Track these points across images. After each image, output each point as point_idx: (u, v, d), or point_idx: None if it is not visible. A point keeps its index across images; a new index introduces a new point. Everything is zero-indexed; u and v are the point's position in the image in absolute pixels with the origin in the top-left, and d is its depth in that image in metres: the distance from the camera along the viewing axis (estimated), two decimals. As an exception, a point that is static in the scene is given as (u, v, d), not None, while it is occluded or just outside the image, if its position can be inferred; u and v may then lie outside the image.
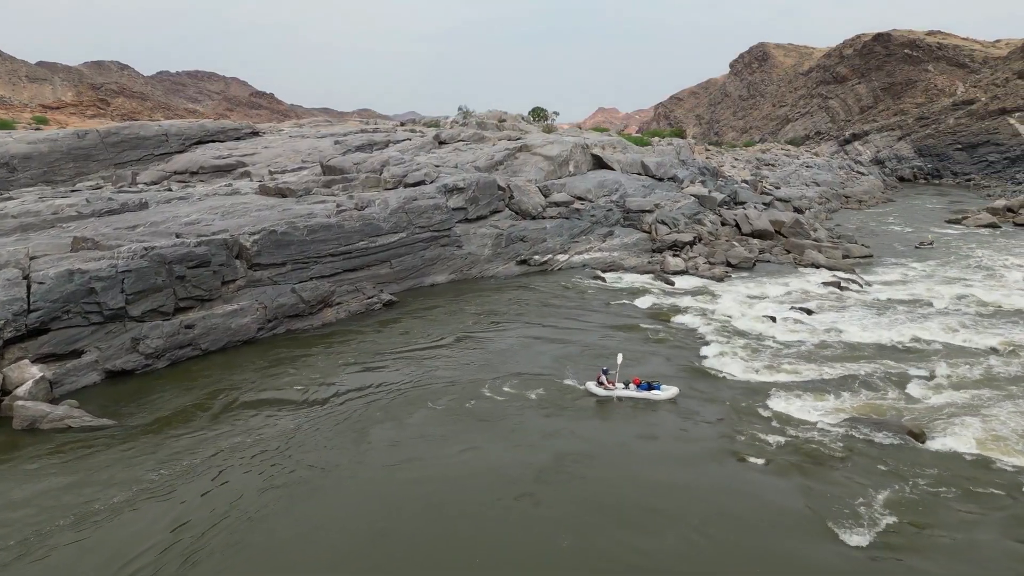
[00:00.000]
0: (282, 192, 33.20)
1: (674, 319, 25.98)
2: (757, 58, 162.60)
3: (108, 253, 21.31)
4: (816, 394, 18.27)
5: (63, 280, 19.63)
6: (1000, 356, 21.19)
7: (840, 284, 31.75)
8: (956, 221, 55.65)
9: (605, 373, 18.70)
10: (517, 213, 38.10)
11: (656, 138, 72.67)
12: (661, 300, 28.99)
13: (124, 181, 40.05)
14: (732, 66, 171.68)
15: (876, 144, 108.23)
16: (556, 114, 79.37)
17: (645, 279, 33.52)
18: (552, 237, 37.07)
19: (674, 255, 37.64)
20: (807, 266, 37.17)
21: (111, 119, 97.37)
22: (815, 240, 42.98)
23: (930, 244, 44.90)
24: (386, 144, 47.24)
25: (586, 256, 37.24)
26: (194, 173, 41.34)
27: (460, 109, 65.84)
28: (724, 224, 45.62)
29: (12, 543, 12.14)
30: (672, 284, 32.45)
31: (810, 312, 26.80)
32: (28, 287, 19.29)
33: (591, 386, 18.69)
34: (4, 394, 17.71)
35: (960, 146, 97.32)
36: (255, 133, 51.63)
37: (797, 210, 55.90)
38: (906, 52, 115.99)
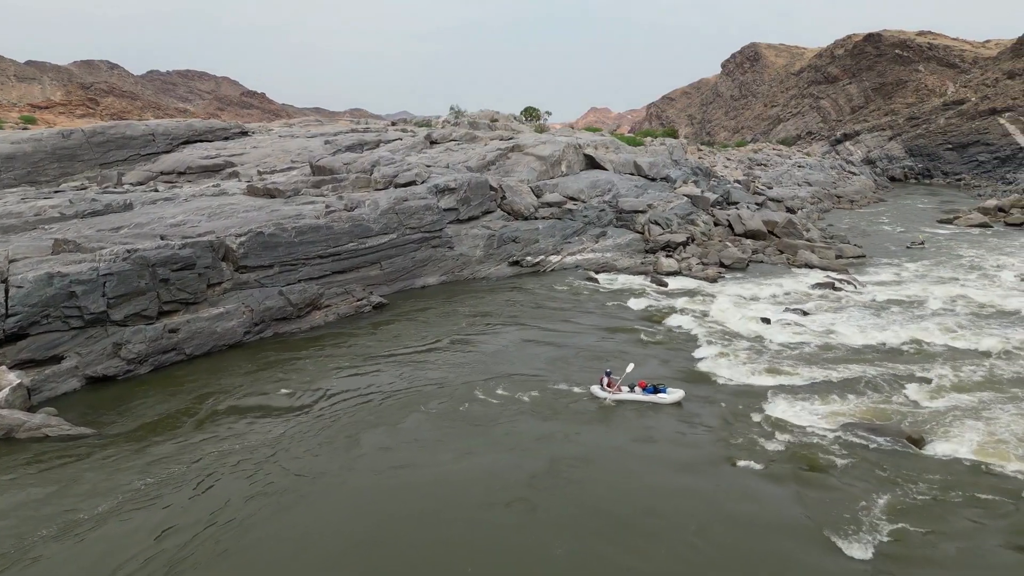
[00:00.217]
0: (270, 193, 32.73)
1: (668, 321, 25.69)
2: (749, 58, 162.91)
3: (89, 256, 20.81)
4: (812, 398, 17.99)
5: (42, 284, 19.12)
6: (997, 358, 20.98)
7: (834, 285, 31.56)
8: (948, 221, 55.65)
9: (608, 375, 18.39)
10: (509, 214, 37.74)
11: (649, 138, 72.49)
12: (655, 302, 28.69)
13: (109, 182, 39.44)
14: (724, 66, 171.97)
15: (867, 144, 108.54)
16: (548, 114, 79.29)
17: (638, 280, 33.23)
18: (545, 238, 36.73)
19: (667, 256, 37.40)
20: (800, 266, 37.00)
21: (100, 118, 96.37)
22: (808, 240, 42.83)
23: (921, 244, 44.83)
24: (377, 144, 46.80)
25: (579, 257, 36.91)
26: (181, 173, 40.78)
27: (452, 109, 65.56)
28: (717, 224, 45.40)
29: (-7, 555, 11.76)
30: (665, 285, 32.17)
31: (805, 313, 26.57)
32: (6, 291, 18.79)
33: (596, 389, 18.35)
34: (-20, 402, 17.21)
35: (950, 146, 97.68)
36: (244, 133, 51.05)
37: (789, 210, 55.78)
38: (897, 52, 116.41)
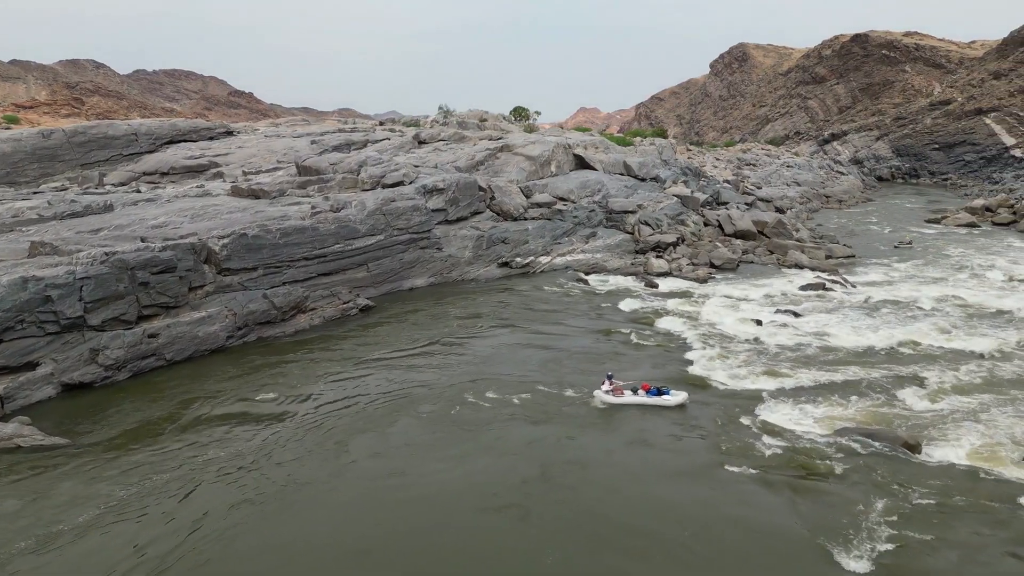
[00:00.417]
0: (255, 193, 32.19)
1: (659, 323, 25.41)
2: (737, 58, 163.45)
3: (66, 259, 20.23)
4: (806, 402, 17.74)
5: (16, 288, 18.52)
6: (990, 359, 20.84)
7: (825, 285, 31.42)
8: (935, 221, 55.82)
9: (610, 379, 18.12)
10: (498, 214, 37.36)
11: (638, 138, 72.34)
12: (645, 303, 28.41)
13: (90, 182, 38.72)
14: (712, 66, 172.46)
15: (855, 144, 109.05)
16: (538, 114, 78.87)
17: (628, 281, 32.95)
18: (534, 239, 36.38)
19: (657, 256, 37.17)
20: (790, 267, 36.87)
21: (86, 118, 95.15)
22: (798, 240, 42.75)
23: (908, 244, 44.88)
24: (364, 144, 46.28)
25: (569, 258, 36.59)
26: (164, 174, 40.10)
27: (441, 108, 65.01)
28: (707, 225, 45.24)
29: (-33, 570, 11.31)
30: (656, 286, 31.91)
31: (797, 315, 26.37)
32: (-22, 296, 18.18)
33: (599, 393, 18.07)
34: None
35: (937, 146, 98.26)
36: (229, 133, 50.36)
37: (779, 210, 55.78)
38: (883, 53, 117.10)
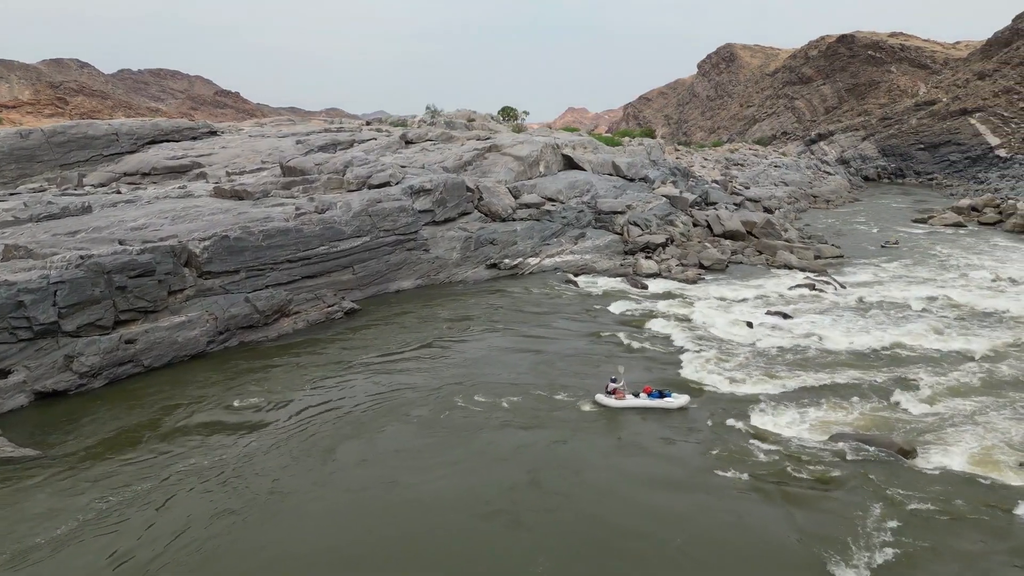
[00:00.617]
0: (238, 194, 31.59)
1: (649, 325, 25.11)
2: (724, 59, 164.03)
3: (40, 263, 19.61)
4: (799, 407, 17.47)
5: (-13, 293, 17.91)
6: (982, 361, 20.68)
7: (815, 286, 31.29)
8: (922, 221, 56.02)
9: (613, 382, 17.85)
10: (486, 215, 36.96)
11: (627, 138, 72.17)
12: (635, 305, 28.12)
13: (69, 183, 37.88)
14: (700, 67, 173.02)
15: (841, 144, 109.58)
16: (526, 114, 78.54)
17: (618, 283, 32.65)
18: (523, 240, 36.01)
19: (647, 257, 36.92)
20: (780, 267, 36.75)
21: (70, 118, 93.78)
22: (786, 241, 42.68)
23: (895, 244, 44.95)
24: (351, 144, 45.69)
25: (557, 259, 36.25)
26: (146, 174, 39.32)
27: (428, 108, 64.47)
28: (696, 225, 45.09)
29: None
30: (645, 288, 31.64)
31: (787, 316, 26.16)
32: (-53, 301, 17.56)
33: (601, 397, 17.81)
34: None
35: (923, 146, 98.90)
36: (213, 133, 49.56)
37: (767, 210, 55.78)
38: (869, 53, 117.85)
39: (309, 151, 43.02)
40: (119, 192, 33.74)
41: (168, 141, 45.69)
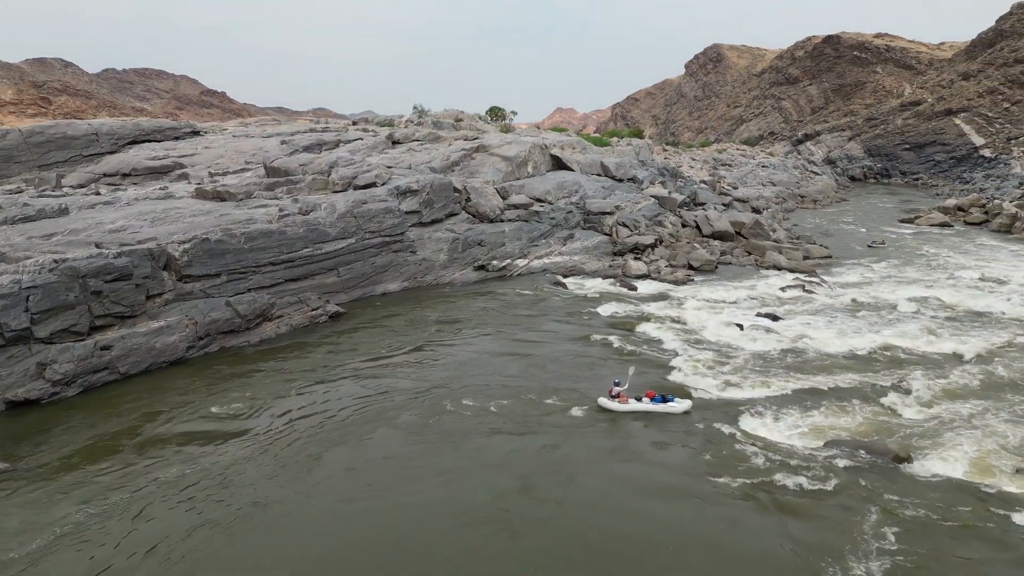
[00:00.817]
0: (220, 196, 30.99)
1: (639, 328, 24.80)
2: (712, 59, 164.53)
3: (12, 267, 18.97)
4: (791, 411, 17.20)
5: (-45, 299, 17.29)
6: (974, 363, 20.53)
7: (804, 287, 31.13)
8: (909, 220, 56.25)
9: (617, 385, 17.62)
10: (474, 216, 36.55)
11: (615, 138, 71.95)
12: (624, 307, 27.81)
13: (47, 184, 37.05)
14: (687, 67, 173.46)
15: (828, 144, 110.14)
16: (514, 114, 78.02)
17: (607, 284, 32.35)
18: (511, 241, 35.63)
19: (636, 258, 36.68)
20: (769, 268, 36.64)
21: (53, 118, 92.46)
22: (775, 241, 42.61)
23: (882, 244, 45.01)
24: (336, 144, 45.07)
25: (546, 260, 35.90)
26: (126, 175, 38.55)
27: (415, 108, 63.85)
28: (685, 226, 44.92)
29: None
30: (635, 289, 31.35)
31: (777, 318, 25.95)
32: (-87, 307, 16.92)
33: (604, 401, 17.58)
34: None
35: (908, 146, 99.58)
36: (196, 132, 48.78)
37: (755, 210, 55.76)
38: (855, 54, 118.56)
39: (294, 151, 42.39)
40: (98, 193, 33.01)
41: (150, 141, 44.89)
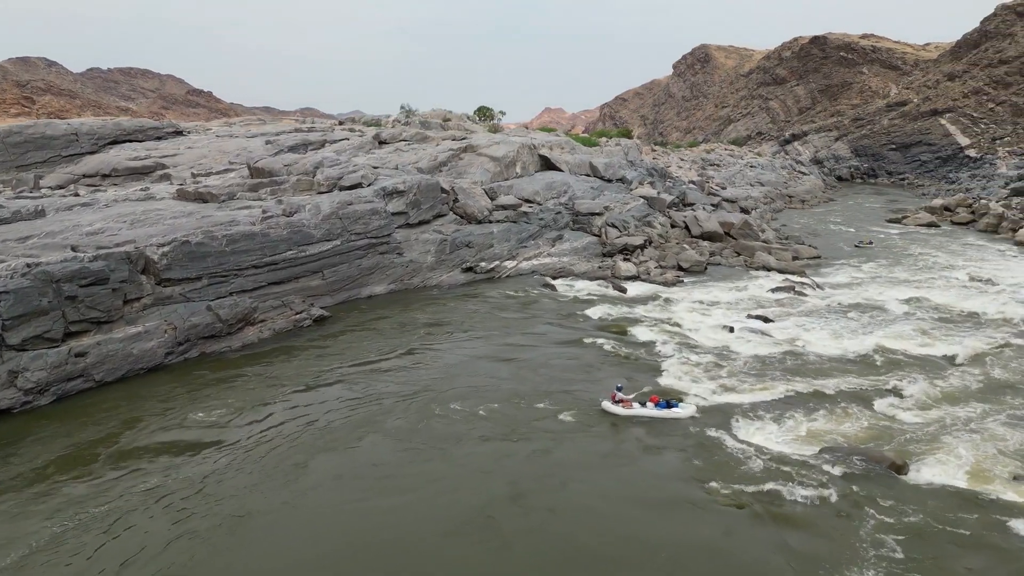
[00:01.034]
0: (203, 197, 30.33)
1: (629, 331, 24.46)
2: (699, 59, 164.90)
3: (-18, 271, 18.32)
4: (785, 416, 16.90)
5: (-79, 305, 16.65)
6: (966, 365, 20.33)
7: (795, 288, 30.95)
8: (896, 220, 56.42)
9: (620, 391, 17.36)
10: (462, 217, 36.11)
11: (604, 138, 71.73)
12: (614, 310, 27.48)
13: (25, 185, 36.24)
14: (675, 67, 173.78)
15: (815, 144, 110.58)
16: (502, 114, 77.59)
17: (596, 286, 32.02)
18: (499, 242, 35.22)
19: (625, 259, 36.40)
20: (758, 269, 36.49)
21: (37, 117, 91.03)
22: (764, 242, 42.50)
23: (869, 244, 45.01)
24: (322, 144, 44.46)
25: (535, 262, 35.53)
26: (106, 176, 37.76)
27: (403, 108, 63.27)
28: (674, 226, 44.72)
29: None
30: (624, 291, 31.04)
31: (768, 320, 25.71)
32: None
33: (607, 405, 17.34)
34: None
35: (894, 146, 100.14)
36: (179, 132, 47.98)
37: (744, 210, 55.70)
38: (841, 55, 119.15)
39: (279, 152, 41.74)
40: (77, 195, 32.26)
41: (131, 141, 44.06)
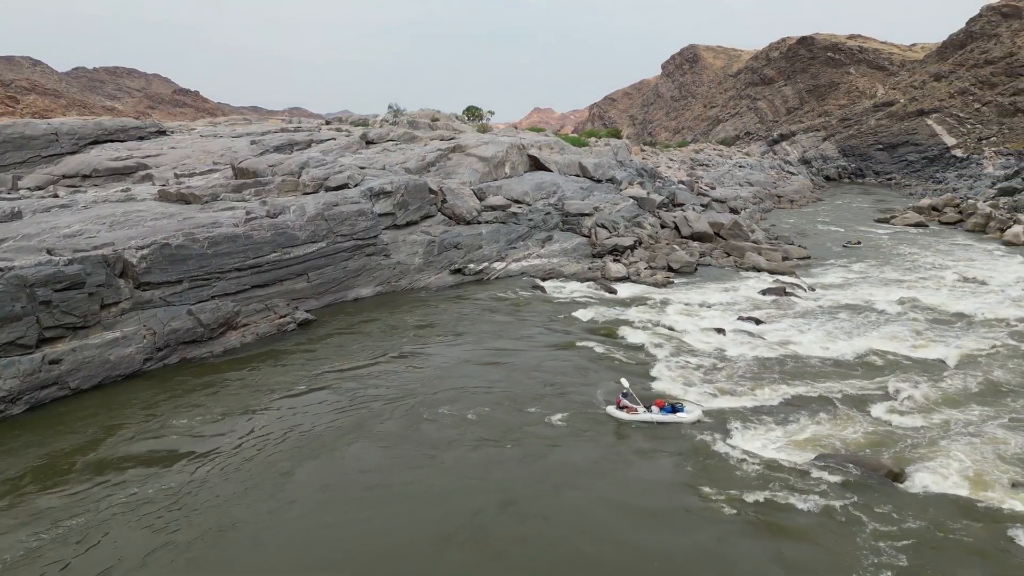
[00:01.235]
0: (185, 198, 29.72)
1: (619, 333, 24.12)
2: (688, 60, 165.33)
3: (-48, 276, 17.70)
4: (779, 422, 16.59)
5: None
6: (960, 368, 20.09)
7: (785, 290, 30.76)
8: (885, 220, 56.49)
9: (625, 396, 17.11)
10: (450, 218, 35.68)
11: (593, 138, 71.51)
12: (604, 312, 27.14)
13: (3, 186, 35.37)
14: (664, 67, 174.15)
15: (803, 144, 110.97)
16: (491, 113, 77.28)
17: (586, 287, 31.70)
18: (488, 243, 34.82)
19: (615, 260, 36.10)
20: (748, 269, 36.31)
21: (21, 117, 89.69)
22: (754, 242, 42.34)
23: (858, 244, 44.99)
24: (308, 144, 43.85)
25: (524, 263, 35.15)
26: (87, 176, 37.00)
27: (391, 107, 62.70)
28: (664, 227, 44.51)
29: None
30: (614, 293, 30.73)
31: (759, 322, 25.49)
32: None
33: (612, 410, 17.06)
34: None
35: (881, 146, 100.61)
36: (162, 132, 47.20)
37: (733, 210, 55.62)
38: (829, 55, 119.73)
39: (264, 152, 41.10)
40: (56, 196, 31.55)
41: (113, 141, 43.24)
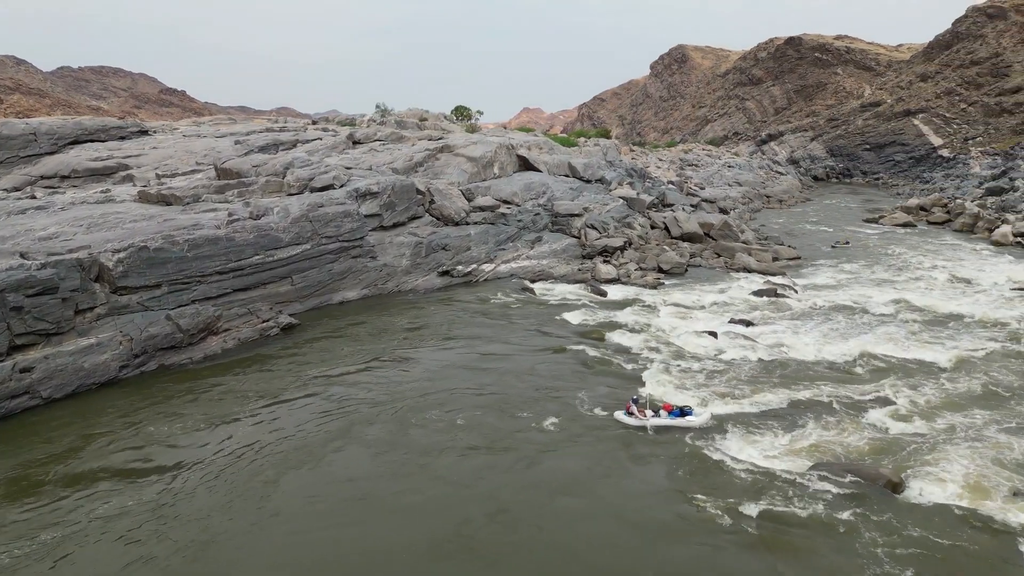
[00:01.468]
0: (166, 199, 29.06)
1: (610, 337, 23.75)
2: (676, 60, 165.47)
3: (-83, 281, 17.04)
4: (773, 429, 16.25)
5: None
6: (954, 371, 19.85)
7: (776, 291, 30.50)
8: (873, 220, 56.50)
9: (635, 402, 16.87)
10: (438, 219, 35.18)
11: (582, 138, 71.18)
12: (594, 315, 26.76)
13: (-22, 187, 34.53)
14: (653, 67, 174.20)
15: (791, 144, 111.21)
16: (480, 113, 76.59)
17: (576, 289, 31.29)
18: (477, 245, 34.35)
19: (605, 262, 35.73)
20: (739, 270, 36.05)
21: (5, 117, 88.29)
22: (744, 243, 42.10)
23: (846, 244, 44.89)
24: (294, 144, 43.17)
25: (513, 265, 34.71)
26: (65, 177, 36.16)
27: (378, 107, 62.04)
28: (654, 227, 44.17)
29: None
30: (604, 295, 30.34)
31: (750, 324, 25.19)
32: None
33: (621, 416, 16.87)
34: None
35: (868, 146, 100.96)
36: (144, 132, 46.34)
37: (723, 211, 55.41)
38: (816, 56, 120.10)
39: (248, 152, 40.39)
40: (33, 197, 30.77)
41: (93, 141, 42.34)
